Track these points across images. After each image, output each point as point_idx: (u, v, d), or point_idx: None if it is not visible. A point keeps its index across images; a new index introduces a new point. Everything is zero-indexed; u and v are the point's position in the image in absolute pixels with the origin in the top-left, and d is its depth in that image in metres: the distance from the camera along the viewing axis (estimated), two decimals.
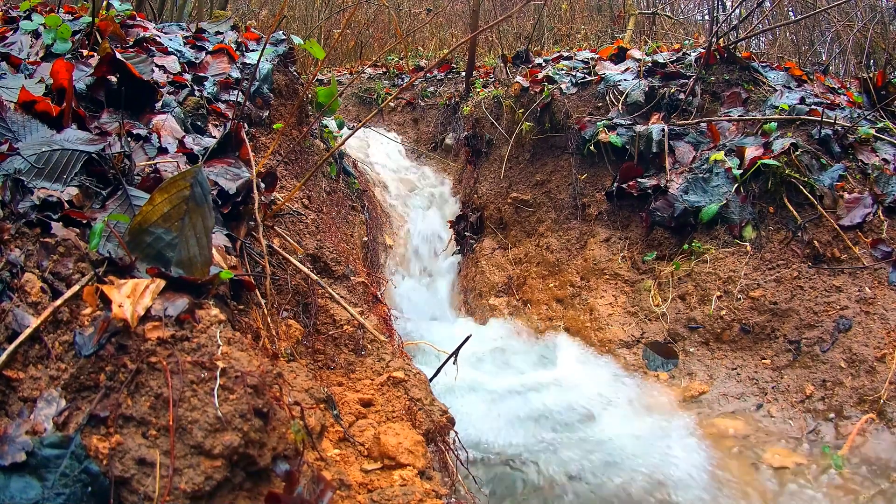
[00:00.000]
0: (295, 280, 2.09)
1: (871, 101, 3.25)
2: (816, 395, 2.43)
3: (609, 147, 3.60)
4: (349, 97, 6.61)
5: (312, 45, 2.15)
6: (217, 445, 1.12)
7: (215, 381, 1.17)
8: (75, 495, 1.04)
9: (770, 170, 2.93)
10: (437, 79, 6.59)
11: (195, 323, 1.26)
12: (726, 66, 3.73)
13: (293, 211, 2.62)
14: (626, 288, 3.29)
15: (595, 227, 3.62)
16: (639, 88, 3.78)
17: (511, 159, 4.36)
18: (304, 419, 1.42)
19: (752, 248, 2.93)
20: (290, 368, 1.70)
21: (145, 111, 2.11)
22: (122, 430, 1.12)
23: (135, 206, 1.51)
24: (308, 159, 3.35)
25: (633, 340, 3.06)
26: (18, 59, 2.12)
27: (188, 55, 2.87)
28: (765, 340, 2.71)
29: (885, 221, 2.69)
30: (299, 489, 1.21)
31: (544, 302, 3.64)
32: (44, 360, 1.17)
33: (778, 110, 3.30)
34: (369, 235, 3.94)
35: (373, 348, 2.06)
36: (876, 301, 2.51)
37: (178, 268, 1.36)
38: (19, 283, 1.23)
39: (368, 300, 2.61)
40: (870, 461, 2.13)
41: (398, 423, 1.75)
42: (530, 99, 4.19)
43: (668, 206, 3.21)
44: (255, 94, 2.98)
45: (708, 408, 2.60)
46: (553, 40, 8.32)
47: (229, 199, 1.89)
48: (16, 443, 1.06)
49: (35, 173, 1.48)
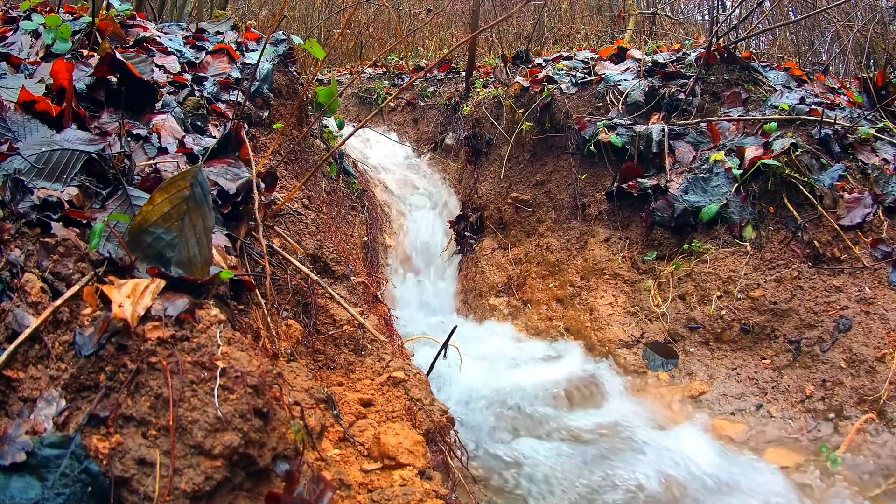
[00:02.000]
0: (295, 280, 2.09)
1: (871, 101, 3.25)
2: (816, 395, 2.43)
3: (609, 147, 3.60)
4: (349, 97, 6.60)
5: (312, 45, 2.15)
6: (217, 445, 1.12)
7: (215, 381, 1.17)
8: (75, 495, 1.04)
9: (770, 170, 2.93)
10: (437, 79, 6.59)
11: (195, 323, 1.26)
12: (726, 66, 3.73)
13: (293, 211, 2.62)
14: (626, 288, 3.29)
15: (595, 227, 3.62)
16: (639, 88, 3.78)
17: (511, 159, 4.36)
18: (304, 419, 1.42)
19: (752, 248, 2.93)
20: (290, 368, 1.70)
21: (145, 111, 2.11)
22: (122, 430, 1.11)
23: (135, 206, 1.51)
24: (308, 159, 3.35)
25: (633, 340, 3.06)
26: (18, 59, 2.12)
27: (188, 55, 2.87)
28: (765, 340, 2.71)
29: (885, 221, 2.69)
30: (299, 489, 1.21)
31: (544, 302, 3.64)
32: (44, 360, 1.17)
33: (778, 110, 3.30)
34: (369, 235, 3.94)
35: (373, 348, 2.06)
36: (876, 301, 2.51)
37: (178, 268, 1.36)
38: (19, 283, 1.23)
39: (368, 300, 2.61)
40: (870, 461, 2.13)
41: (398, 423, 1.75)
42: (530, 99, 4.19)
43: (668, 206, 3.21)
44: (255, 94, 2.98)
45: (708, 408, 2.60)
46: (553, 40, 8.32)
47: (229, 199, 1.89)
48: (16, 443, 1.06)
49: (35, 173, 1.48)
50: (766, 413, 2.48)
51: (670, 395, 2.72)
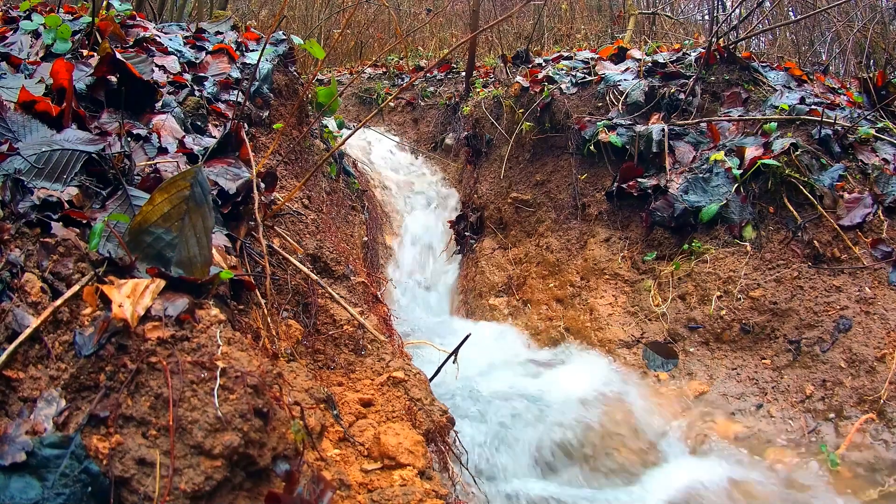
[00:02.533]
0: (295, 280, 2.09)
1: (871, 101, 3.25)
2: (816, 395, 2.43)
3: (609, 147, 3.60)
4: (349, 97, 6.60)
5: (312, 45, 2.15)
6: (217, 445, 1.12)
7: (215, 381, 1.17)
8: (75, 495, 1.04)
9: (770, 170, 2.93)
10: (437, 79, 6.59)
11: (195, 323, 1.26)
12: (726, 66, 3.73)
13: (293, 211, 2.62)
14: (626, 288, 3.29)
15: (595, 227, 3.62)
16: (639, 88, 3.78)
17: (511, 159, 4.36)
18: (304, 419, 1.42)
19: (752, 248, 2.93)
20: (290, 368, 1.70)
21: (145, 111, 2.11)
22: (122, 430, 1.11)
23: (135, 206, 1.51)
24: (308, 159, 3.35)
25: (633, 340, 3.06)
26: (18, 59, 2.12)
27: (188, 55, 2.87)
28: (765, 340, 2.71)
29: (885, 221, 2.69)
30: (299, 489, 1.21)
31: (544, 302, 3.64)
32: (44, 360, 1.17)
33: (778, 110, 3.30)
34: (369, 235, 3.94)
35: (373, 348, 2.06)
36: (876, 301, 2.51)
37: (178, 268, 1.36)
38: (19, 283, 1.23)
39: (368, 300, 2.61)
40: (870, 461, 2.13)
41: (398, 423, 1.75)
42: (530, 99, 4.19)
43: (668, 206, 3.21)
44: (255, 94, 2.98)
45: (708, 408, 2.60)
46: (553, 40, 8.32)
47: (229, 199, 1.89)
48: (16, 443, 1.06)
49: (35, 173, 1.48)
50: (767, 413, 2.48)
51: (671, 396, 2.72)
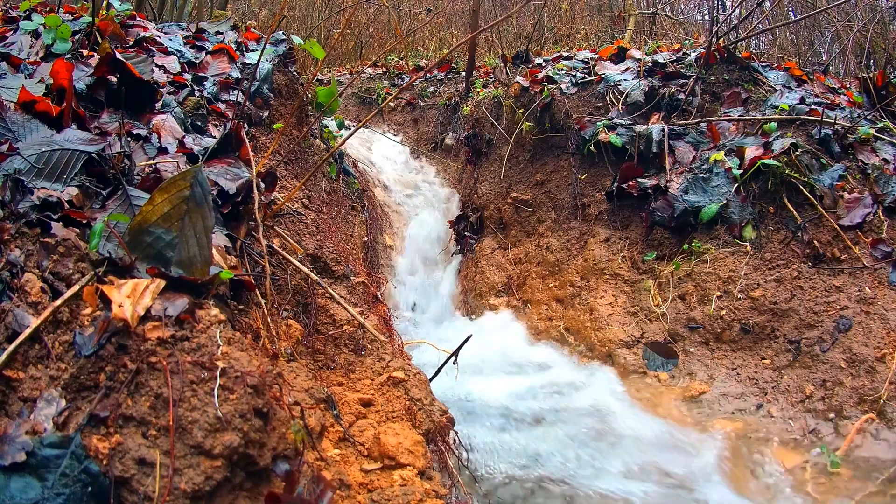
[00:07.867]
0: (295, 280, 2.09)
1: (871, 101, 3.25)
2: (816, 395, 2.43)
3: (609, 147, 3.60)
4: (349, 97, 6.60)
5: (312, 45, 2.15)
6: (217, 445, 1.12)
7: (215, 381, 1.17)
8: (75, 495, 1.04)
9: (770, 170, 2.93)
10: (437, 79, 6.59)
11: (195, 323, 1.26)
12: (726, 66, 3.73)
13: (293, 211, 2.62)
14: (626, 288, 3.29)
15: (595, 227, 3.62)
16: (639, 88, 3.78)
17: (511, 159, 4.36)
18: (304, 419, 1.42)
19: (752, 248, 2.93)
20: (290, 368, 1.70)
21: (145, 111, 2.11)
22: (122, 430, 1.11)
23: (135, 206, 1.51)
24: (308, 159, 3.35)
25: (633, 340, 3.06)
26: (18, 59, 2.12)
27: (188, 55, 2.87)
28: (765, 340, 2.71)
29: (885, 221, 2.69)
30: (299, 489, 1.21)
31: (544, 302, 3.64)
32: (44, 360, 1.17)
33: (778, 110, 3.30)
34: (369, 235, 3.94)
35: (373, 348, 2.06)
36: (876, 301, 2.51)
37: (178, 268, 1.36)
38: (19, 283, 1.23)
39: (368, 300, 2.61)
40: (870, 461, 2.13)
41: (398, 423, 1.75)
42: (530, 99, 4.19)
43: (668, 206, 3.21)
44: (255, 94, 2.98)
45: (708, 408, 2.60)
46: (553, 40, 8.32)
47: (229, 199, 1.89)
48: (16, 443, 1.06)
49: (35, 173, 1.48)
50: (767, 413, 2.48)
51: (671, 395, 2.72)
